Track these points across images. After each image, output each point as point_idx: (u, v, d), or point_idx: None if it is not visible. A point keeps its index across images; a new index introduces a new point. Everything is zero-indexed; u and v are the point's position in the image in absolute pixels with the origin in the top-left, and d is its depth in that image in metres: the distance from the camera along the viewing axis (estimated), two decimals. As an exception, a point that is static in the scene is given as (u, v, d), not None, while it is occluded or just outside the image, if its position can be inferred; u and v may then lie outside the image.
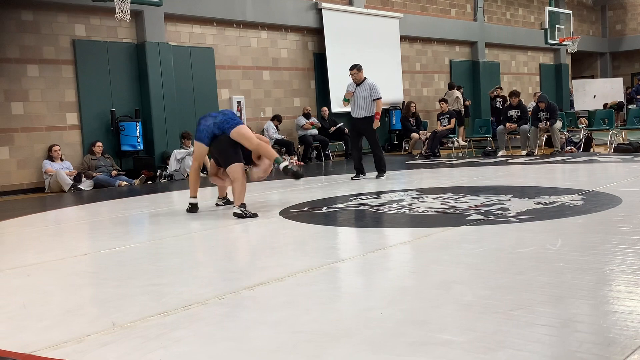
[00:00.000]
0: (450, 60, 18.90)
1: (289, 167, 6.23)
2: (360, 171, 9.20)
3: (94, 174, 10.62)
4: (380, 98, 9.07)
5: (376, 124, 9.04)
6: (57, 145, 10.57)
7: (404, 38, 16.87)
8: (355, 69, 9.02)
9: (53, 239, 5.74)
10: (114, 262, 4.33)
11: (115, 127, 11.34)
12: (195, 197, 6.54)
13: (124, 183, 10.63)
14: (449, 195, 6.60)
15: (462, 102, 16.76)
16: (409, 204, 6.18)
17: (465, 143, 14.56)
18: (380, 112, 9.13)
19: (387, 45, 16.15)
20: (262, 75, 13.98)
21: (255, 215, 5.90)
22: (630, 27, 26.17)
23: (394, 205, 6.20)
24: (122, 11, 9.90)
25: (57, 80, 10.87)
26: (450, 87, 17.10)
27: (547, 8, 18.83)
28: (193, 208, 6.51)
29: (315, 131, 14.06)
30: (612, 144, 11.91)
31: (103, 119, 11.35)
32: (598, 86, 21.52)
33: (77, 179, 10.35)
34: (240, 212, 5.90)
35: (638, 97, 21.41)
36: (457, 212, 5.49)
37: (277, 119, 13.55)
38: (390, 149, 16.35)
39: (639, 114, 12.73)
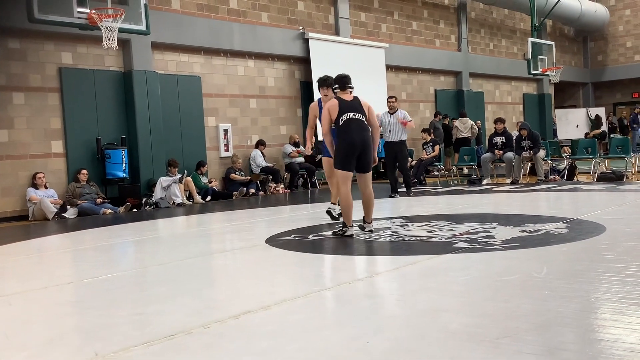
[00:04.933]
0: (435, 90, 19.10)
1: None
2: (395, 190, 10.55)
3: (79, 202, 10.53)
4: (412, 120, 10.69)
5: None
6: (41, 172, 10.48)
7: (389, 67, 17.04)
8: (394, 98, 10.62)
9: (36, 267, 5.67)
10: (97, 290, 4.28)
11: (101, 154, 11.29)
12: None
13: (109, 211, 10.54)
14: (435, 223, 6.62)
15: (476, 129, 17.04)
16: (395, 232, 6.18)
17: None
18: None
19: (373, 74, 16.27)
20: (249, 103, 14.03)
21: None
22: (612, 58, 26.64)
23: (381, 232, 6.21)
24: (109, 40, 9.91)
25: (43, 108, 10.83)
26: (462, 114, 17.31)
27: (530, 39, 19.13)
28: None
29: (301, 159, 14.08)
30: (595, 173, 12.04)
31: (89, 147, 11.29)
32: (581, 115, 21.86)
33: (61, 209, 10.26)
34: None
35: (635, 125, 21.74)
36: (443, 239, 5.50)
37: (261, 143, 13.52)
38: (377, 177, 16.38)
39: (621, 143, 12.89)
